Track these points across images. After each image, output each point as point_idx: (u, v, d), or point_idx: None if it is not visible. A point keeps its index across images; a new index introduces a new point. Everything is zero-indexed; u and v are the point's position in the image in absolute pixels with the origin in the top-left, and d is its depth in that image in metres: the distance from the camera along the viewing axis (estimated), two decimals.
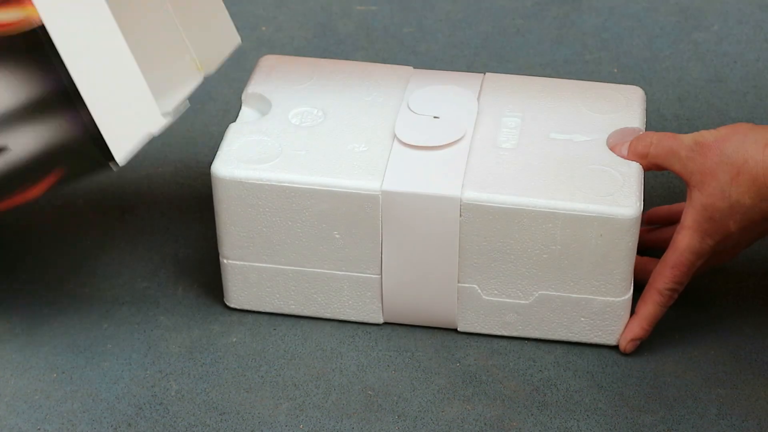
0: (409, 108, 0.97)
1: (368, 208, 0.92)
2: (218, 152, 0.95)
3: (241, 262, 0.97)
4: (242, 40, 1.34)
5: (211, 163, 0.95)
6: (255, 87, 1.01)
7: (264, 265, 0.96)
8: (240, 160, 0.94)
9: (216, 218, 0.96)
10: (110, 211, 1.11)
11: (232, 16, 1.39)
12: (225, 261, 0.97)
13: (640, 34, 1.31)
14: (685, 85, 1.23)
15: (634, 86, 1.01)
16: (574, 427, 0.90)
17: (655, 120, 1.18)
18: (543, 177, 0.92)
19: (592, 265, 0.92)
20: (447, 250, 0.93)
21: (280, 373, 0.95)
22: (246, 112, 1.00)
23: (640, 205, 0.90)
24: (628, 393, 0.92)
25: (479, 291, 0.95)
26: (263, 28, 1.36)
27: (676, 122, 1.18)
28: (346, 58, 1.29)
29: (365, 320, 0.98)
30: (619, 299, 0.93)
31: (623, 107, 0.98)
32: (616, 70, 1.26)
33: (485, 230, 0.92)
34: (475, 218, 0.91)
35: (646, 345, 0.96)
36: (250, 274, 0.97)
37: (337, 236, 0.94)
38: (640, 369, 0.94)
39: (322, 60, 1.04)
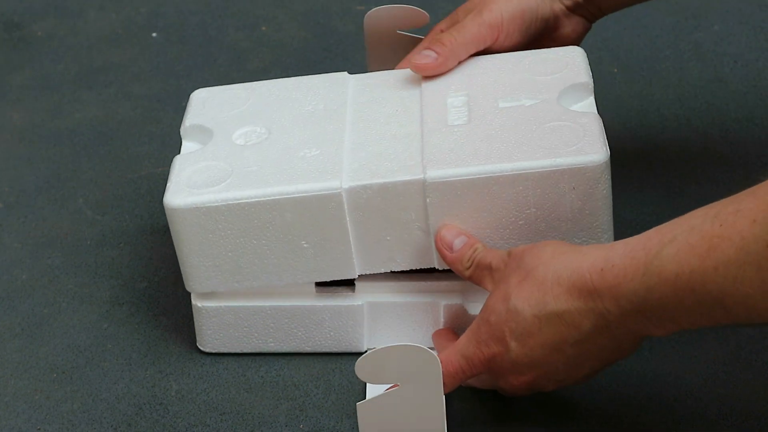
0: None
1: (332, 209, 0.89)
2: (168, 184, 0.91)
3: (216, 304, 0.94)
4: (242, 40, 1.35)
5: None
6: (192, 119, 0.98)
7: (240, 304, 0.93)
8: (192, 186, 0.90)
9: (177, 252, 0.92)
10: (110, 212, 1.11)
11: (232, 15, 1.39)
12: (198, 304, 0.94)
13: (640, 34, 1.31)
14: (685, 85, 1.23)
15: (573, 47, 1.00)
16: (574, 427, 0.90)
17: (655, 120, 1.18)
18: (503, 143, 0.90)
19: (570, 222, 0.90)
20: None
21: (280, 373, 0.95)
22: (188, 146, 0.97)
23: (607, 150, 0.88)
24: (628, 393, 0.92)
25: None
26: (263, 28, 1.36)
27: (675, 122, 1.18)
28: (346, 58, 1.29)
29: (348, 350, 0.95)
30: None
31: (566, 66, 0.96)
32: (616, 70, 1.26)
33: (455, 208, 0.89)
34: (443, 197, 0.88)
35: (646, 345, 0.96)
36: (225, 315, 0.94)
37: (306, 245, 0.91)
38: (640, 369, 0.94)
39: (255, 83, 1.01)
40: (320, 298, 0.94)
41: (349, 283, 0.94)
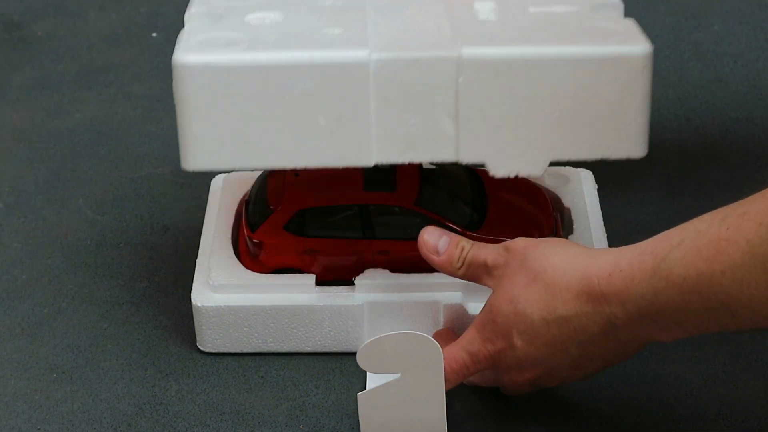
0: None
1: (357, 81, 0.83)
2: (177, 45, 0.84)
3: (216, 304, 0.93)
4: None
5: None
6: (198, 7, 0.90)
7: (240, 304, 0.93)
8: (206, 46, 0.83)
9: (179, 120, 0.84)
10: (110, 212, 1.11)
11: None
12: (198, 304, 0.93)
13: None
14: (685, 85, 1.23)
15: None
16: (574, 427, 0.90)
17: (655, 120, 1.18)
18: (541, 33, 0.85)
19: (605, 120, 0.84)
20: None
21: (280, 373, 0.95)
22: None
23: (650, 44, 0.84)
24: (628, 393, 0.92)
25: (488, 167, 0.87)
26: None
27: (676, 122, 1.18)
28: None
29: (348, 350, 0.95)
30: (637, 157, 0.87)
31: None
32: None
33: (488, 91, 0.83)
34: (476, 78, 0.83)
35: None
36: (225, 315, 0.93)
37: (323, 122, 0.84)
38: (640, 369, 0.94)
39: None
40: (320, 298, 0.94)
41: (349, 283, 0.95)
